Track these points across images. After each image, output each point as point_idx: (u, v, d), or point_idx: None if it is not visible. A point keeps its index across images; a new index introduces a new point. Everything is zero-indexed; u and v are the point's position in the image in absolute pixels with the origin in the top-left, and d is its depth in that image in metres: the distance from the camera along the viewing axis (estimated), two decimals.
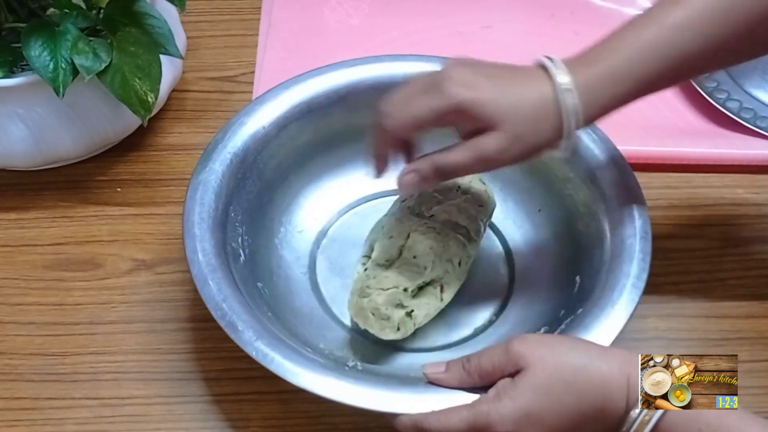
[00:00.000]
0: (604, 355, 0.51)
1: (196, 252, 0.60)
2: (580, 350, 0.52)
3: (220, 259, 0.61)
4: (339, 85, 0.71)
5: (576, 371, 0.50)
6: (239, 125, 0.68)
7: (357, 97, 0.71)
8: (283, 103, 0.70)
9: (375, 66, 0.72)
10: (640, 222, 0.62)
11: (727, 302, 0.70)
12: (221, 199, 0.64)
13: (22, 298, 0.69)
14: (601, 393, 0.50)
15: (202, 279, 0.59)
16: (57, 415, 0.63)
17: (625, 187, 0.65)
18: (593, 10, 0.92)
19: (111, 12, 0.70)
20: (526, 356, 0.51)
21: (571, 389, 0.50)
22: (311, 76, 0.71)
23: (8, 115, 0.70)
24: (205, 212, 0.63)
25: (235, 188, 0.66)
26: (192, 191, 0.64)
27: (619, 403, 0.49)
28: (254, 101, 0.70)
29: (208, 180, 0.65)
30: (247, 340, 0.56)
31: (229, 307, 0.58)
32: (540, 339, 0.54)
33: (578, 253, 0.66)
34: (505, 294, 0.69)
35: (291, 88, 0.71)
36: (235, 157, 0.67)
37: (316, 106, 0.71)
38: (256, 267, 0.66)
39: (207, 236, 0.62)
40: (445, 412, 0.52)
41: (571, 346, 0.52)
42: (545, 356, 0.51)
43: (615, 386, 0.50)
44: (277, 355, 0.56)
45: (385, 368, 0.63)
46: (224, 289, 0.59)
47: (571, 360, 0.51)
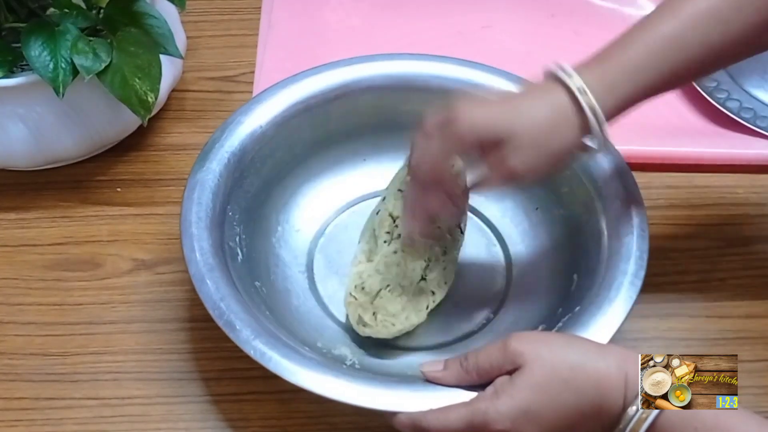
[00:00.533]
0: (602, 353, 0.51)
1: (194, 251, 0.60)
2: (577, 348, 0.52)
3: (217, 258, 0.61)
4: (336, 84, 0.71)
5: (573, 368, 0.50)
6: (236, 124, 0.68)
7: (354, 96, 0.71)
8: (280, 102, 0.70)
9: (372, 65, 0.72)
10: (637, 220, 0.62)
11: (727, 302, 0.70)
12: (218, 198, 0.64)
13: (22, 298, 0.69)
14: (599, 390, 0.50)
15: (200, 278, 0.59)
16: (57, 416, 0.63)
17: (622, 185, 0.65)
18: (593, 9, 0.92)
19: (111, 12, 0.70)
20: (523, 354, 0.51)
21: (568, 386, 0.50)
22: (308, 75, 0.71)
23: (8, 115, 0.70)
24: (203, 211, 0.63)
25: (233, 187, 0.66)
26: (189, 191, 0.64)
27: (616, 401, 0.49)
28: (251, 100, 0.70)
29: (205, 179, 0.65)
30: (245, 339, 0.56)
31: (227, 306, 0.58)
32: (537, 336, 0.55)
33: (576, 251, 0.66)
34: (503, 292, 0.69)
35: (288, 87, 0.71)
36: (233, 157, 0.67)
37: (313, 105, 0.70)
38: (253, 266, 0.66)
39: (204, 235, 0.62)
40: (443, 410, 0.53)
41: (568, 343, 0.52)
42: (543, 354, 0.51)
43: (612, 384, 0.50)
44: (275, 354, 0.56)
45: (383, 367, 0.63)
46: (222, 288, 0.59)
47: (569, 357, 0.51)
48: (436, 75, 0.72)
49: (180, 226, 0.62)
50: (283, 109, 0.70)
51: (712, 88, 0.82)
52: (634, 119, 0.66)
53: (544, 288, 0.67)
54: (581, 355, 0.51)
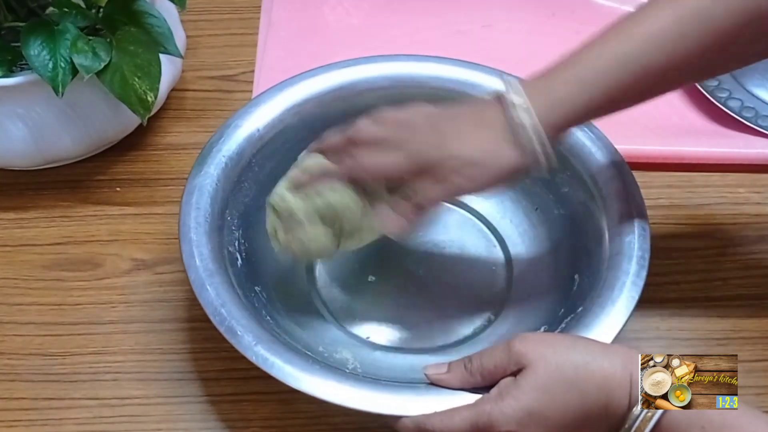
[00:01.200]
0: (606, 353, 0.51)
1: (193, 257, 0.60)
2: (581, 348, 0.52)
3: (217, 263, 0.60)
4: (334, 86, 0.71)
5: (578, 369, 0.50)
6: (234, 128, 0.68)
7: (352, 98, 0.71)
8: (278, 105, 0.69)
9: (370, 66, 0.72)
10: (638, 220, 0.62)
11: (728, 301, 0.70)
12: (217, 203, 0.64)
13: (21, 298, 0.69)
14: (604, 390, 0.50)
15: (200, 284, 0.59)
16: (56, 416, 0.63)
17: (622, 185, 0.64)
18: (594, 9, 0.91)
19: (110, 11, 0.70)
20: (527, 355, 0.51)
21: (573, 387, 0.50)
22: (305, 78, 0.71)
23: (7, 114, 0.69)
24: (201, 216, 0.62)
25: (231, 192, 0.66)
26: (188, 195, 0.63)
27: (621, 401, 0.49)
28: (249, 103, 0.70)
29: (203, 184, 0.64)
30: (247, 345, 0.56)
31: (228, 312, 0.58)
32: (541, 337, 0.54)
33: (577, 252, 0.66)
34: (504, 293, 0.68)
35: (285, 89, 0.70)
36: (230, 161, 0.66)
37: (311, 107, 0.70)
38: (253, 271, 0.66)
39: (204, 241, 0.61)
40: (447, 413, 0.52)
41: (572, 343, 0.52)
42: (547, 355, 0.51)
43: (617, 383, 0.49)
44: (277, 360, 0.56)
45: (385, 370, 0.62)
46: (222, 294, 0.59)
47: (573, 358, 0.51)
48: (434, 76, 0.72)
49: (179, 232, 0.61)
50: (280, 112, 0.69)
51: (714, 88, 0.82)
52: (635, 119, 0.66)
53: (546, 289, 0.67)
54: (586, 356, 0.51)
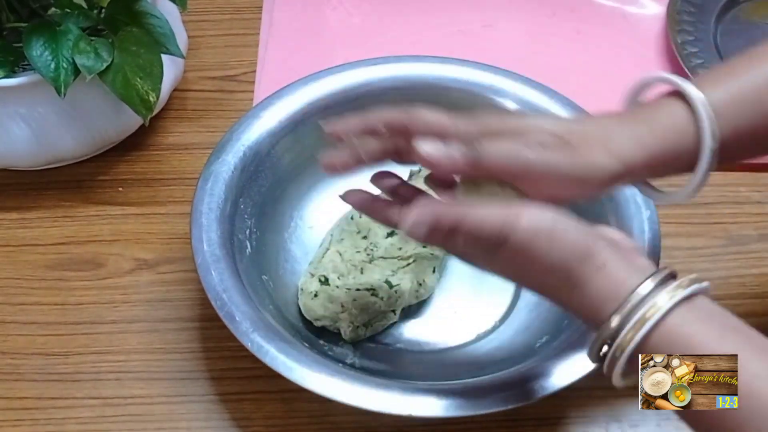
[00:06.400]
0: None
1: (202, 242, 0.61)
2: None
3: (224, 249, 0.61)
4: (355, 83, 0.72)
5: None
6: (255, 119, 0.69)
7: (373, 96, 0.71)
8: (300, 100, 0.70)
9: (391, 66, 0.73)
10: (647, 217, 0.63)
11: (729, 301, 0.70)
12: (231, 190, 0.65)
13: (24, 297, 0.69)
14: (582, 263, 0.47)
15: (205, 268, 0.60)
16: (59, 415, 0.63)
17: (632, 189, 0.64)
18: (595, 8, 0.92)
19: (112, 11, 0.70)
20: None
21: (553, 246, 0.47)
22: (328, 74, 0.72)
23: (10, 115, 0.70)
24: (214, 203, 0.64)
25: (247, 181, 0.67)
26: (203, 181, 0.64)
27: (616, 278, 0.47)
28: (271, 96, 0.71)
29: (219, 171, 0.65)
30: (244, 331, 0.57)
31: (229, 298, 0.58)
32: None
33: None
34: (510, 300, 0.68)
35: (308, 84, 0.71)
36: (249, 150, 0.67)
37: (332, 103, 0.71)
38: (262, 260, 0.66)
39: (214, 226, 0.62)
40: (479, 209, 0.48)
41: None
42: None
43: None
44: (272, 348, 0.56)
45: (383, 366, 0.63)
46: (226, 279, 0.59)
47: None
48: (453, 78, 0.72)
49: (190, 216, 0.62)
50: (302, 106, 0.70)
51: None
52: None
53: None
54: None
